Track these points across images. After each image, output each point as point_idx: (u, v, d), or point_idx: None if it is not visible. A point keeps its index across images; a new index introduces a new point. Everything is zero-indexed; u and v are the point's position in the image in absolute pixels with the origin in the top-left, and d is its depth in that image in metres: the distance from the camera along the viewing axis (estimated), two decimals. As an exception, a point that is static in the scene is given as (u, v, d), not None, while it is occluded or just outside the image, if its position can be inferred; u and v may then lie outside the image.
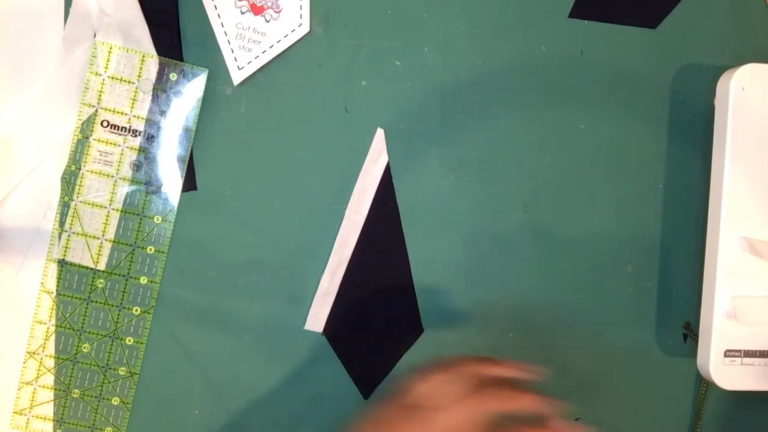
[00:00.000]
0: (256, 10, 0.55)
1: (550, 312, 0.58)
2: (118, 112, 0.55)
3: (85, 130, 0.55)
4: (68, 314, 0.56)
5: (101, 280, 0.56)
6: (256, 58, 0.55)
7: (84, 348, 0.56)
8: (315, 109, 0.56)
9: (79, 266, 0.56)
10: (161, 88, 0.55)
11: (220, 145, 0.56)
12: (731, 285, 0.54)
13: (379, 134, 0.56)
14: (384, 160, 0.57)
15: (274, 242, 0.56)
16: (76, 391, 0.56)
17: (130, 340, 0.56)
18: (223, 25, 0.55)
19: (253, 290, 0.57)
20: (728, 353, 0.55)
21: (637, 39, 0.58)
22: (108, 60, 0.55)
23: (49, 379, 0.56)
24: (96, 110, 0.55)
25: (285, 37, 0.55)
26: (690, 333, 0.58)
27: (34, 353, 0.56)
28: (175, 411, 0.57)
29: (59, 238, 0.55)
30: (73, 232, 0.55)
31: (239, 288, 0.56)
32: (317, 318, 0.57)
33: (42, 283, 0.55)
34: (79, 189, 0.55)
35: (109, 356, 0.56)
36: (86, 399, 0.56)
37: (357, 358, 0.57)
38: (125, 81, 0.55)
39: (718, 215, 0.55)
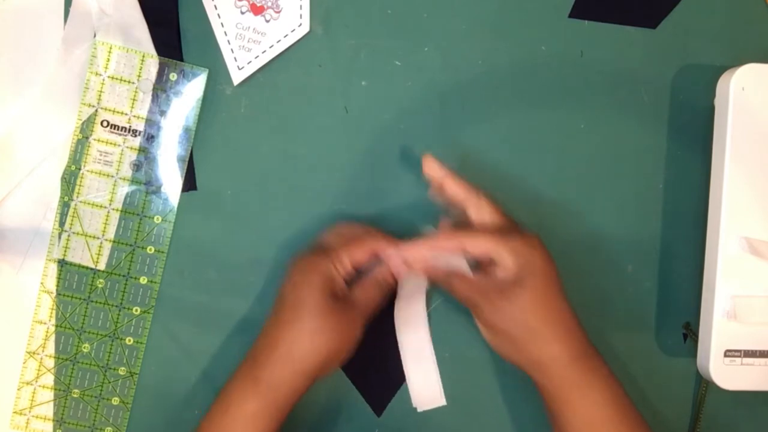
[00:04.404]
0: (256, 10, 0.55)
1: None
2: (118, 112, 0.55)
3: (85, 130, 0.55)
4: (68, 314, 0.56)
5: (101, 280, 0.56)
6: (256, 58, 0.55)
7: (84, 348, 0.56)
8: (315, 109, 0.56)
9: (79, 266, 0.56)
10: (161, 88, 0.55)
11: (220, 145, 0.56)
12: (731, 285, 0.54)
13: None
14: None
15: (274, 242, 0.56)
16: (76, 391, 0.56)
17: (130, 340, 0.56)
18: (223, 25, 0.55)
19: (253, 290, 0.56)
20: (728, 353, 0.55)
21: (637, 39, 0.58)
22: (108, 60, 0.55)
23: (49, 379, 0.56)
24: (96, 110, 0.55)
25: (285, 37, 0.55)
26: (690, 333, 0.58)
27: (34, 353, 0.56)
28: (175, 411, 0.57)
29: (59, 238, 0.55)
30: (73, 232, 0.55)
31: (239, 288, 0.56)
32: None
33: (42, 283, 0.55)
34: (79, 189, 0.55)
35: (109, 356, 0.56)
36: (86, 399, 0.56)
37: (357, 358, 0.57)
38: (125, 81, 0.55)
39: (718, 215, 0.55)
